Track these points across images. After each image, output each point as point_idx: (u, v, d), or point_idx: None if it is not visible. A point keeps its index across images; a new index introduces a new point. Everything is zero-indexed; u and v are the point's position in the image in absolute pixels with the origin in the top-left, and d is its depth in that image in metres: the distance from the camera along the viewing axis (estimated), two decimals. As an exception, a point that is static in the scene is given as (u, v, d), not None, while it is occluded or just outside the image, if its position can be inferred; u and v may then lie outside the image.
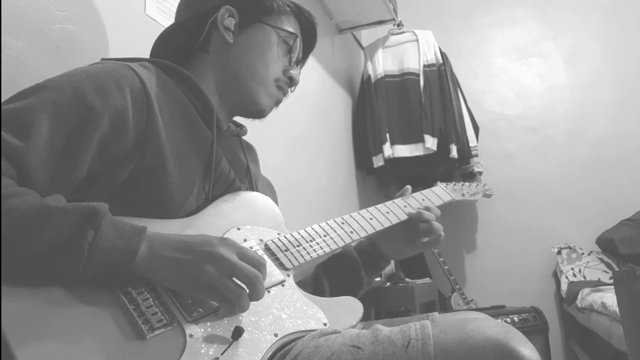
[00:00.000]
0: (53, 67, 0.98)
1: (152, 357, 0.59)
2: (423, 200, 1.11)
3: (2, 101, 0.69)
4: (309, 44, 1.05)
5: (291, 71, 0.97)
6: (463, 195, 1.24)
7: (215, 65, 0.93)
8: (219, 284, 0.65)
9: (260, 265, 0.69)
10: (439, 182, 1.23)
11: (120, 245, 0.62)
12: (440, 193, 1.17)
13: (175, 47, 0.95)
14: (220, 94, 0.93)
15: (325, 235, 0.92)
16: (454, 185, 1.25)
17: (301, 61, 1.05)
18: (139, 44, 1.20)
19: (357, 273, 1.06)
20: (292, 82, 0.98)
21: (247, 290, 0.67)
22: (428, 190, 1.16)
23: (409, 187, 1.13)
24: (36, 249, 0.58)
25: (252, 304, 0.71)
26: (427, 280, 2.69)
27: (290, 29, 0.96)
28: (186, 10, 0.97)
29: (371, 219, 1.01)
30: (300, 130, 2.20)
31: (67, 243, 0.59)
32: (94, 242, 0.60)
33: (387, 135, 2.84)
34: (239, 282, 0.67)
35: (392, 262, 2.59)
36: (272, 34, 0.94)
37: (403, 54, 2.95)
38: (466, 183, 1.30)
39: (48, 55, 0.98)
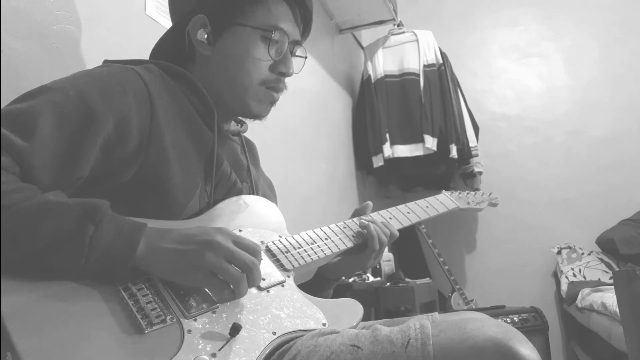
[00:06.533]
0: (53, 67, 0.98)
1: (150, 351, 0.60)
2: (427, 207, 1.11)
3: (9, 102, 0.69)
4: (304, 12, 0.93)
5: (280, 65, 0.90)
6: (468, 203, 1.24)
7: (202, 76, 0.89)
8: (220, 270, 0.67)
9: (255, 252, 0.71)
10: (444, 190, 1.23)
11: (120, 240, 0.63)
12: (444, 201, 1.18)
13: (168, 56, 0.92)
14: (215, 100, 0.89)
15: (326, 239, 0.92)
16: (459, 193, 1.25)
17: (302, 37, 0.96)
18: (139, 44, 1.20)
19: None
20: (284, 75, 0.91)
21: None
22: (432, 197, 1.16)
23: (369, 203, 1.04)
24: (38, 243, 0.59)
25: (251, 303, 0.72)
26: (427, 280, 2.69)
27: (269, 20, 0.87)
28: (171, 19, 0.95)
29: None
30: (299, 130, 2.19)
31: (68, 237, 0.60)
32: (94, 237, 0.61)
33: (387, 135, 2.84)
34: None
35: (392, 262, 2.59)
36: (248, 35, 0.87)
37: (403, 54, 2.95)
38: (472, 192, 1.30)
39: (48, 55, 0.98)
